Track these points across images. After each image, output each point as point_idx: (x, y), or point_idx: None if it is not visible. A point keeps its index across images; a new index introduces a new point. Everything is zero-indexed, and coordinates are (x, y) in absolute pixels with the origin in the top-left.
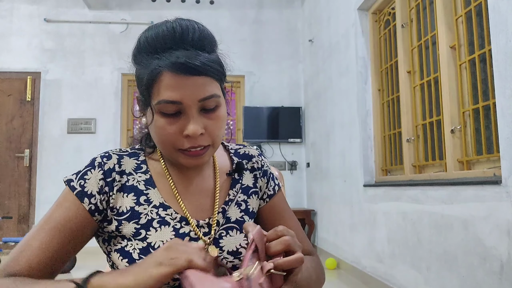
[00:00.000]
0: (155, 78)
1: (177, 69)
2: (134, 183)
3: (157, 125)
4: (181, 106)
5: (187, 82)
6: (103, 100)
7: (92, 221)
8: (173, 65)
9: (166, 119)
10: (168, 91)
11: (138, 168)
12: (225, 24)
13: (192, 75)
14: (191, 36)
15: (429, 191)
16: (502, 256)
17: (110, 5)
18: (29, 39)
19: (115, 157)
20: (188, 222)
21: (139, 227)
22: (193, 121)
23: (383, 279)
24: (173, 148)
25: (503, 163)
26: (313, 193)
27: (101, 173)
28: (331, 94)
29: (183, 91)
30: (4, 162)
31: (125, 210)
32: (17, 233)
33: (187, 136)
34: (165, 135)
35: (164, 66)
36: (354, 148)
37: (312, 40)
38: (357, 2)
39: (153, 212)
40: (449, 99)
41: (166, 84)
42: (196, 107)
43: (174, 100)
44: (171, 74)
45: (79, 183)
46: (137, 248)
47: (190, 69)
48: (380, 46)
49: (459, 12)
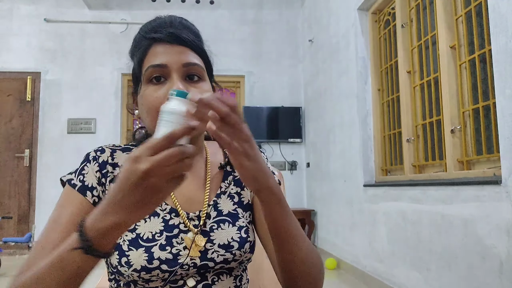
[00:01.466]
0: (146, 50)
1: (165, 39)
2: None
3: (145, 94)
4: (166, 70)
5: (173, 49)
6: (103, 100)
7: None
8: (162, 35)
9: (153, 86)
10: (155, 57)
11: None
12: (225, 24)
13: (179, 44)
14: (179, 22)
15: (429, 191)
16: (501, 256)
17: (110, 5)
18: (29, 39)
19: (108, 150)
20: (178, 214)
21: None
22: (178, 82)
23: (383, 278)
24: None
25: (503, 163)
26: (313, 193)
27: (96, 166)
28: (331, 94)
29: (169, 56)
30: (4, 162)
31: None
32: (17, 233)
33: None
34: (151, 101)
35: (154, 37)
36: (354, 148)
37: (312, 40)
38: (357, 2)
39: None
40: (449, 99)
41: (154, 52)
42: (180, 72)
43: (159, 63)
44: (159, 44)
45: (79, 179)
46: (126, 240)
47: (177, 38)
48: (380, 46)
49: (459, 12)
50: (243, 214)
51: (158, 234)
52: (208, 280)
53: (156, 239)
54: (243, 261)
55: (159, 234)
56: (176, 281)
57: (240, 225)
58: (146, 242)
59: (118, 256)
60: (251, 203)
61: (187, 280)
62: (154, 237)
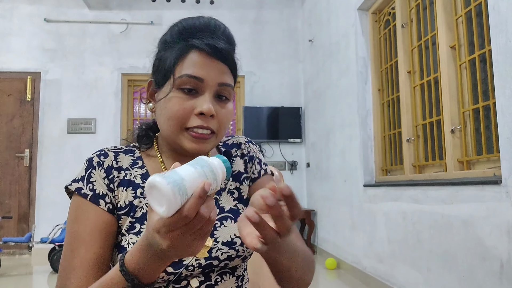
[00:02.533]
0: (184, 54)
1: (205, 50)
2: (131, 177)
3: (173, 100)
4: (201, 84)
5: (212, 64)
6: (103, 100)
7: (113, 218)
8: (203, 45)
9: (183, 95)
10: (193, 67)
11: (134, 164)
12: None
13: (218, 59)
14: (222, 31)
15: (429, 191)
16: (502, 256)
17: (110, 5)
18: (29, 39)
19: (111, 154)
20: None
21: (134, 221)
22: (209, 101)
23: (383, 279)
24: (180, 126)
25: (503, 163)
26: (313, 193)
27: (103, 172)
28: (331, 94)
29: (207, 71)
30: (4, 162)
31: (123, 205)
32: (17, 233)
33: (200, 114)
34: (178, 110)
35: (197, 44)
36: (354, 148)
37: (312, 40)
38: (357, 2)
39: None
40: (449, 99)
41: (193, 61)
42: (213, 90)
43: (197, 76)
44: (199, 53)
45: (89, 188)
46: (131, 243)
47: (217, 53)
48: (380, 46)
49: (459, 12)
50: (244, 209)
51: None
52: (212, 281)
53: None
54: (246, 257)
55: None
56: (179, 281)
57: None
58: None
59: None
60: (249, 198)
61: (191, 280)
62: None
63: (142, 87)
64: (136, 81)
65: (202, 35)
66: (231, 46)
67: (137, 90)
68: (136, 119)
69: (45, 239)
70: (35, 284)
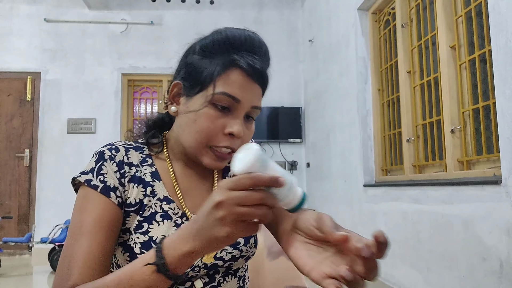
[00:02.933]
0: (225, 70)
1: (249, 71)
2: (141, 175)
3: (205, 115)
4: (236, 105)
5: (250, 86)
6: (103, 100)
7: (121, 213)
8: (248, 66)
9: (217, 112)
10: (233, 86)
11: (143, 161)
12: (225, 24)
13: (256, 82)
14: (264, 50)
15: (429, 191)
16: (501, 256)
17: (110, 5)
18: (29, 39)
19: (123, 149)
20: (188, 218)
21: (142, 220)
22: (240, 123)
23: (383, 279)
24: (206, 142)
25: (503, 163)
26: (313, 193)
27: (114, 165)
28: (331, 94)
29: (245, 92)
30: (4, 162)
31: (133, 202)
32: (17, 233)
33: (229, 135)
34: (208, 127)
35: (240, 63)
36: (354, 148)
37: (312, 40)
38: (357, 2)
39: (157, 205)
40: (449, 99)
41: (233, 79)
42: (246, 112)
43: (236, 96)
44: (242, 72)
45: (99, 179)
46: (138, 242)
47: (258, 76)
48: (380, 46)
49: (459, 12)
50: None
51: None
52: (215, 282)
53: None
54: (249, 256)
55: None
56: (184, 282)
57: None
58: None
59: (129, 259)
60: None
61: (195, 281)
62: None
63: (142, 87)
64: (136, 81)
65: (246, 51)
66: (268, 68)
67: (137, 90)
68: (136, 119)
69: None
70: (35, 284)
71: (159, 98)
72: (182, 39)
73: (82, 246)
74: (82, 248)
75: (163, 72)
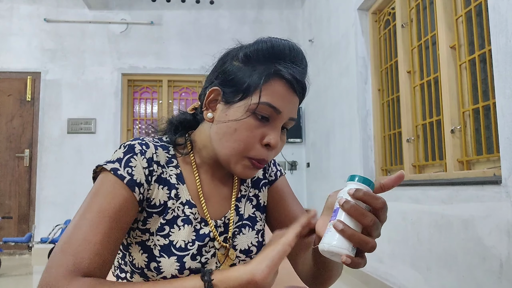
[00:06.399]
0: (269, 80)
1: (292, 82)
2: (166, 176)
3: (245, 125)
4: (276, 116)
5: (291, 98)
6: (103, 100)
7: (137, 210)
8: (291, 77)
9: (257, 121)
10: (276, 97)
11: (169, 162)
12: (225, 24)
13: (296, 93)
14: (305, 63)
15: (429, 191)
16: (501, 256)
17: (110, 5)
18: (29, 39)
19: (152, 146)
20: (207, 223)
21: (164, 223)
22: (278, 135)
23: (383, 279)
24: (243, 152)
25: (503, 163)
26: (313, 193)
27: (145, 161)
28: (331, 94)
29: (286, 103)
30: (4, 162)
31: (158, 204)
32: (17, 233)
33: (266, 145)
34: (248, 136)
35: (284, 74)
36: (354, 148)
37: (312, 40)
38: (357, 2)
39: (179, 209)
40: (449, 99)
41: (278, 90)
42: (283, 122)
43: (278, 107)
44: (285, 84)
45: (127, 171)
46: (158, 245)
47: (299, 88)
48: (380, 46)
49: (459, 12)
50: (260, 217)
51: (191, 243)
52: None
53: (189, 248)
54: None
55: (191, 243)
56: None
57: (258, 229)
58: (179, 251)
59: (147, 260)
60: (265, 205)
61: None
62: (187, 247)
63: (142, 87)
64: (136, 81)
65: (289, 62)
66: (306, 78)
67: (137, 90)
68: (136, 119)
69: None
70: (35, 284)
71: (159, 98)
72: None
73: (102, 233)
74: (102, 235)
75: (163, 72)
